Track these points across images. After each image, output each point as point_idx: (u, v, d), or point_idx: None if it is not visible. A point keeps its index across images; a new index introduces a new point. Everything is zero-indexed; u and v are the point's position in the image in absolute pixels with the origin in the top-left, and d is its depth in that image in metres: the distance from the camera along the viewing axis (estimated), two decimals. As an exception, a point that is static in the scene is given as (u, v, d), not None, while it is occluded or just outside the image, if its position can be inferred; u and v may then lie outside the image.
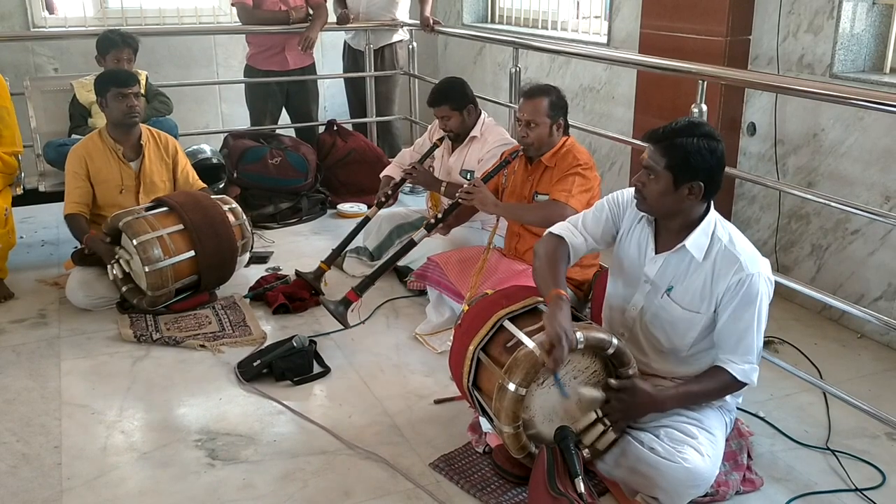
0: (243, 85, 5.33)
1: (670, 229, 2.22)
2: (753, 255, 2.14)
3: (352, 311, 3.21)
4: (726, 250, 2.13)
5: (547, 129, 3.05)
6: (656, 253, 2.26)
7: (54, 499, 2.27)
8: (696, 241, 2.16)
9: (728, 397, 2.26)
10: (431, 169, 3.85)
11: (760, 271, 2.11)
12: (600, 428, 2.15)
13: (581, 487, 1.97)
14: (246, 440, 2.54)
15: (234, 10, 5.15)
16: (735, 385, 2.16)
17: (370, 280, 3.25)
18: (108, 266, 3.34)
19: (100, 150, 3.59)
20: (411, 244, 3.31)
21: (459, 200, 3.15)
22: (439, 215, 3.28)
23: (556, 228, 2.40)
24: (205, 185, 3.90)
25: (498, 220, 3.27)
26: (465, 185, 3.19)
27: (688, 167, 2.09)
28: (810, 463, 2.44)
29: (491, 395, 2.13)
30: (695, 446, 2.09)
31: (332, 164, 5.11)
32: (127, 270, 3.36)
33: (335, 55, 5.79)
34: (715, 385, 2.17)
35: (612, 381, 2.15)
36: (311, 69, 5.33)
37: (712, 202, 2.21)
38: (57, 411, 2.71)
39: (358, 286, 3.21)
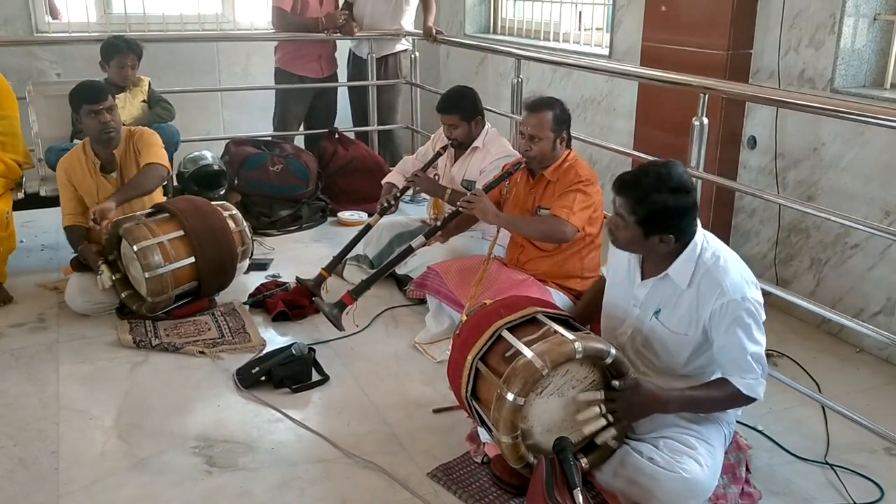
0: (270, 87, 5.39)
1: (653, 259, 2.24)
2: (737, 279, 2.11)
3: (346, 314, 3.21)
4: (710, 274, 2.12)
5: (550, 143, 3.03)
6: (643, 279, 2.27)
7: (51, 504, 2.27)
8: (679, 269, 2.17)
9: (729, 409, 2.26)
10: (436, 177, 3.87)
11: (745, 295, 2.09)
12: (602, 422, 2.12)
13: (579, 499, 1.96)
14: (244, 447, 2.54)
15: (274, 12, 5.17)
16: (741, 398, 2.14)
17: (366, 284, 3.26)
18: (97, 276, 3.34)
19: (81, 163, 3.57)
20: (409, 251, 3.31)
21: (460, 209, 3.16)
22: (438, 223, 3.27)
23: None
24: (152, 162, 3.51)
25: (498, 230, 3.27)
26: (466, 195, 3.19)
27: (656, 223, 2.10)
28: (808, 477, 2.44)
29: (489, 405, 2.13)
30: (694, 457, 2.09)
31: (333, 172, 5.12)
32: (113, 280, 3.35)
33: (339, 62, 5.81)
34: (721, 394, 2.15)
35: (616, 382, 2.13)
36: (335, 77, 5.45)
37: (698, 224, 2.19)
38: (55, 416, 2.71)
39: (353, 290, 3.23)
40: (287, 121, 5.33)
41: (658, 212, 2.08)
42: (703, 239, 2.19)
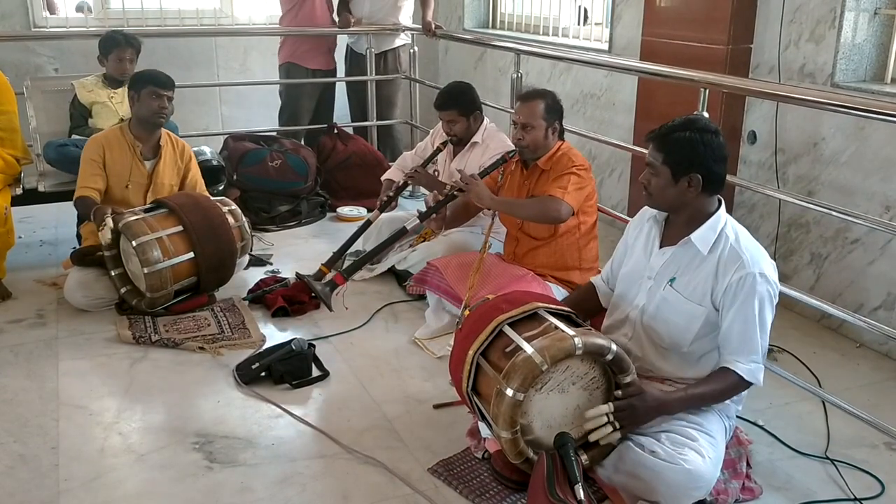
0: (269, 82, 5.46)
1: (678, 224, 2.28)
2: (757, 256, 2.17)
3: (336, 294, 3.23)
4: (732, 248, 2.17)
5: (542, 131, 3.07)
6: (661, 247, 2.31)
7: (51, 500, 2.26)
8: (702, 235, 2.21)
9: (729, 402, 2.26)
10: (436, 173, 3.87)
11: (763, 271, 2.14)
12: (609, 429, 2.11)
13: (580, 494, 1.96)
14: (244, 443, 2.54)
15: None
16: (742, 385, 2.18)
17: (358, 265, 3.32)
18: (100, 231, 3.31)
19: (119, 143, 3.61)
20: (402, 231, 3.39)
21: (454, 192, 3.20)
22: (432, 204, 3.35)
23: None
24: (208, 195, 3.93)
25: (493, 221, 3.30)
26: (458, 179, 3.25)
27: (683, 160, 2.17)
28: (809, 472, 2.44)
29: (490, 400, 2.13)
30: (696, 448, 2.09)
31: (332, 168, 5.12)
32: (109, 239, 3.33)
33: (337, 58, 5.80)
34: (722, 386, 2.18)
35: (619, 392, 2.14)
36: (336, 71, 5.55)
37: (723, 201, 2.25)
38: (54, 412, 2.70)
39: (345, 270, 3.29)
40: (299, 115, 5.36)
41: (684, 146, 2.16)
42: (729, 217, 2.25)
